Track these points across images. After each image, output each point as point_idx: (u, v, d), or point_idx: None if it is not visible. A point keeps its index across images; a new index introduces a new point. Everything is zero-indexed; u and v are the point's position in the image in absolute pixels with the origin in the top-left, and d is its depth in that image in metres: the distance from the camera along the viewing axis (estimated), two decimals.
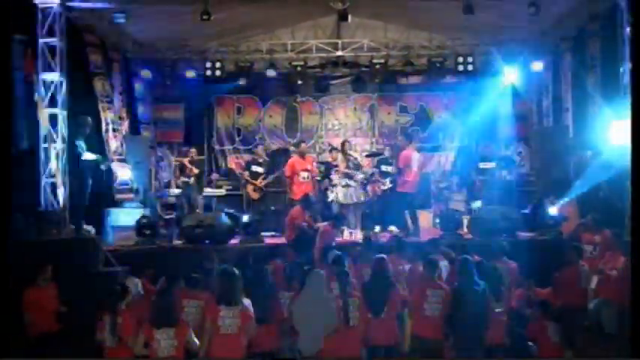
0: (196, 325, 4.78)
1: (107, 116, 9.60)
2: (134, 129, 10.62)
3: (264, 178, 9.71)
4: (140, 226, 8.06)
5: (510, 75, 10.86)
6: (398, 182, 8.79)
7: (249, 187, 9.70)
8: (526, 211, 8.63)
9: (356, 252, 6.67)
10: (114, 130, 9.68)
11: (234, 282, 4.64)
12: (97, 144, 8.66)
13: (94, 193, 7.68)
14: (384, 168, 9.38)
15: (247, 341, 4.70)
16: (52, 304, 5.81)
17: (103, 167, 7.76)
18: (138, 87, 10.92)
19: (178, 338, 4.51)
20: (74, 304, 5.81)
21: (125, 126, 10.23)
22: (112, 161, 9.26)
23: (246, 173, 9.86)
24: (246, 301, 4.68)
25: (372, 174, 9.15)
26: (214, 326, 4.54)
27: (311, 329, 4.82)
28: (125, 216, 8.48)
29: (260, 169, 9.81)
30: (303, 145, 9.59)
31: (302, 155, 9.32)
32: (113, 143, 9.64)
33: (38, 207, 7.39)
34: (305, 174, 9.14)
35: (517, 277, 6.13)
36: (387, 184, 9.07)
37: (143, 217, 8.31)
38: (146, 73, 10.74)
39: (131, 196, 9.09)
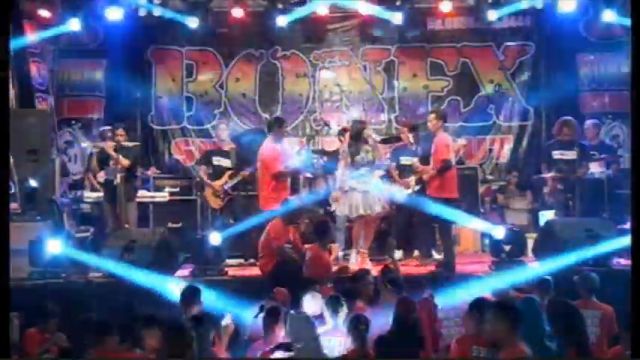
0: None
1: None
2: (25, 100, 10.49)
3: (230, 177, 9.56)
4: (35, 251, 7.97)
5: (602, 18, 10.79)
6: (430, 183, 8.70)
7: (208, 191, 9.63)
8: (626, 225, 8.60)
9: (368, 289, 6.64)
10: None
11: (186, 345, 4.56)
12: None
13: None
14: (404, 160, 9.31)
15: None
16: None
17: None
18: (32, 35, 10.71)
19: None
20: None
21: (10, 96, 9.99)
22: None
23: (204, 168, 9.72)
24: None
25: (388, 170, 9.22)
26: None
27: None
28: (14, 235, 8.33)
29: (226, 162, 9.68)
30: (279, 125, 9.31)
31: (278, 140, 9.07)
32: None
33: None
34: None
35: (613, 328, 6.15)
36: (412, 184, 8.98)
37: (41, 235, 8.16)
38: (45, 13, 10.64)
39: (17, 205, 8.93)
